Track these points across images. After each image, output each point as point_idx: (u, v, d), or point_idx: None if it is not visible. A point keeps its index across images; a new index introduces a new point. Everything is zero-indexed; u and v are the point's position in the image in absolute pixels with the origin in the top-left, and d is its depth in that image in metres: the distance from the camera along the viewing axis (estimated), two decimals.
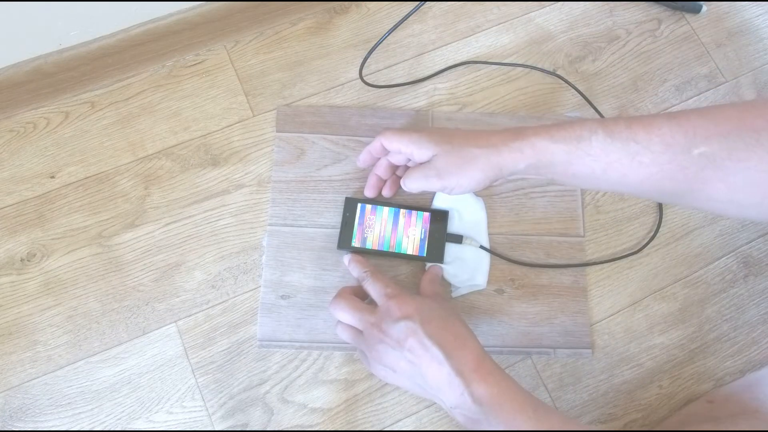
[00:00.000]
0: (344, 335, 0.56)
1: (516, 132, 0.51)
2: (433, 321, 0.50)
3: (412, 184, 0.55)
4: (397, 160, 0.59)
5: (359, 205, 0.62)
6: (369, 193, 0.62)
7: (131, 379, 0.59)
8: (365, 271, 0.57)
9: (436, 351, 0.48)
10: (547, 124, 0.50)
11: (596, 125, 0.48)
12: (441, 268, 0.61)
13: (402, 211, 0.62)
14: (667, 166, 0.46)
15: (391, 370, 0.51)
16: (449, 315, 0.51)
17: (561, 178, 0.51)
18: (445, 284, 0.62)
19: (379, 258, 0.62)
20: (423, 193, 0.64)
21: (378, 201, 0.63)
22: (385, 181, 0.62)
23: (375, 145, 0.59)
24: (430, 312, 0.51)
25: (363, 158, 0.61)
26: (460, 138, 0.53)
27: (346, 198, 0.63)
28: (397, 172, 0.62)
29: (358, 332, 0.54)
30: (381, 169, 0.61)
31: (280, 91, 0.68)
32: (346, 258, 0.60)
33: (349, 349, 0.60)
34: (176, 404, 0.59)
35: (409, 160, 0.57)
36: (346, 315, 0.54)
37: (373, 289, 0.55)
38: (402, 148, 0.55)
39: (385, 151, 0.59)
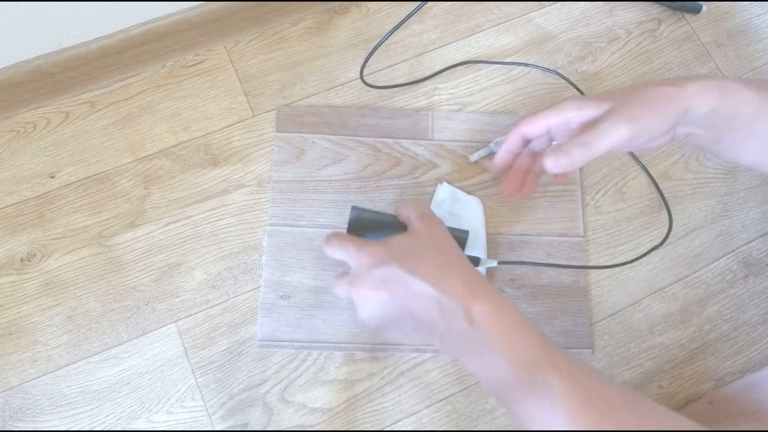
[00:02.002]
0: (340, 291, 0.49)
1: (700, 75, 0.46)
2: (410, 258, 0.45)
3: (589, 151, 0.43)
4: (540, 144, 0.51)
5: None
6: (509, 190, 0.52)
7: (131, 379, 0.59)
8: (326, 237, 0.50)
9: (420, 283, 0.44)
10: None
11: None
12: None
13: None
14: None
15: (378, 319, 0.47)
16: (428, 246, 0.46)
17: (733, 140, 0.45)
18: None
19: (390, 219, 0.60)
20: (422, 193, 0.64)
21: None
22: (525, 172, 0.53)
23: (513, 139, 0.49)
24: (405, 250, 0.46)
25: (501, 160, 0.51)
26: (631, 87, 0.45)
27: (352, 206, 0.60)
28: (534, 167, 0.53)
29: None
30: (523, 159, 0.52)
31: (280, 91, 0.68)
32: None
33: (350, 349, 0.60)
34: (176, 404, 0.59)
35: (552, 140, 0.50)
36: (335, 251, 0.49)
37: (342, 251, 0.48)
38: (557, 120, 0.46)
39: (526, 142, 0.50)
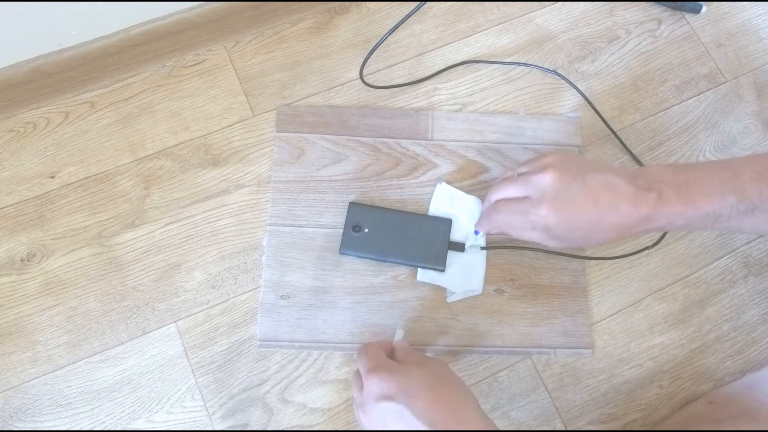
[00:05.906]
0: (354, 395, 0.51)
1: (647, 205, 0.46)
2: (420, 396, 0.43)
3: (521, 237, 0.53)
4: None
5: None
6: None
7: (131, 379, 0.59)
8: (359, 348, 0.52)
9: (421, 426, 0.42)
10: (677, 177, 0.46)
11: (735, 200, 0.44)
12: (403, 335, 0.57)
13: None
14: None
15: None
16: (438, 381, 0.44)
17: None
18: (440, 290, 0.62)
19: (387, 215, 0.62)
20: (422, 193, 0.64)
21: (380, 206, 0.63)
22: None
23: (492, 225, 0.56)
24: (416, 385, 0.44)
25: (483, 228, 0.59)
26: (586, 212, 0.48)
27: (350, 203, 0.63)
28: None
29: None
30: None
31: (280, 91, 0.68)
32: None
33: (350, 349, 0.60)
34: (176, 404, 0.59)
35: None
36: (360, 360, 0.49)
37: (360, 364, 0.49)
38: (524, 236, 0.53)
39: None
